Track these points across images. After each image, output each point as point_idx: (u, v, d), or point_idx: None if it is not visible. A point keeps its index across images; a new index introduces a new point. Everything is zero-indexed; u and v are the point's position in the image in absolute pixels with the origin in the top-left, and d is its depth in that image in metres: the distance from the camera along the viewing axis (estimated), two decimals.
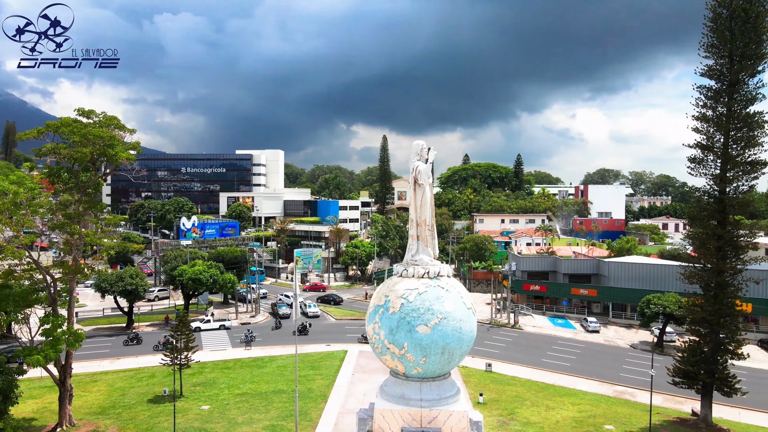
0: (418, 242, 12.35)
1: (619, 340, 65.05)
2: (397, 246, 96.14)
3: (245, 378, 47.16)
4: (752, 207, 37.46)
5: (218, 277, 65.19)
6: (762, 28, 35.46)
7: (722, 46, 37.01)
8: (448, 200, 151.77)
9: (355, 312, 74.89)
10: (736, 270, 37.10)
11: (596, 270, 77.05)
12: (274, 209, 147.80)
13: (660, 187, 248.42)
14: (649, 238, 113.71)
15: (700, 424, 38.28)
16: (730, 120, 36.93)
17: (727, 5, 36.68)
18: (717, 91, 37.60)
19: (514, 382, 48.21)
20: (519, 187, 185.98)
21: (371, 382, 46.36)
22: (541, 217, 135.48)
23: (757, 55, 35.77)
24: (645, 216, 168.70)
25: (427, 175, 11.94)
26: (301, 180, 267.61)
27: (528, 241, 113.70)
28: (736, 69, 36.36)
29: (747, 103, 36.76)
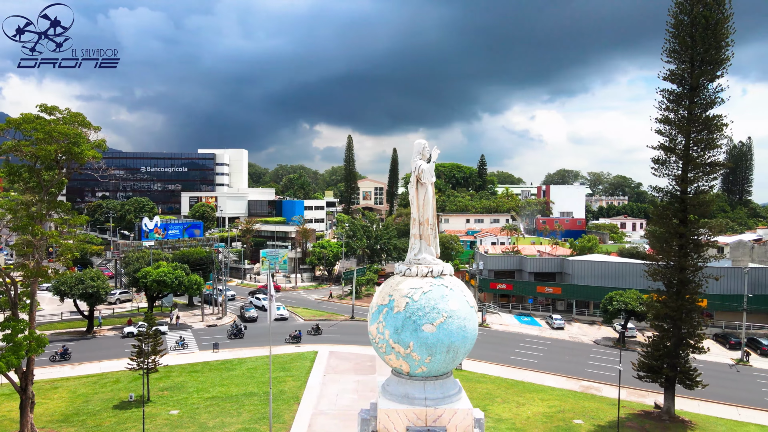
0: (420, 241, 12.38)
1: (583, 336, 66.73)
2: (365, 246, 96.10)
3: (214, 381, 46.28)
4: (712, 207, 38.98)
5: (184, 278, 63.77)
6: (721, 35, 36.94)
7: (684, 52, 38.41)
8: None
9: (324, 312, 74.54)
10: (697, 267, 38.57)
11: (560, 268, 78.82)
12: (238, 209, 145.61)
13: (617, 188, 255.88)
14: (608, 236, 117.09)
15: (663, 416, 39.62)
16: (691, 123, 38.36)
17: (688, 12, 38.08)
18: (679, 95, 39.01)
19: (484, 379, 48.85)
20: (483, 187, 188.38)
21: (343, 382, 46.26)
22: (505, 217, 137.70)
23: (717, 60, 37.25)
24: (604, 215, 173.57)
25: (430, 174, 12.00)
26: (265, 180, 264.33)
27: (493, 240, 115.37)
28: (696, 74, 37.79)
29: (707, 106, 38.25)
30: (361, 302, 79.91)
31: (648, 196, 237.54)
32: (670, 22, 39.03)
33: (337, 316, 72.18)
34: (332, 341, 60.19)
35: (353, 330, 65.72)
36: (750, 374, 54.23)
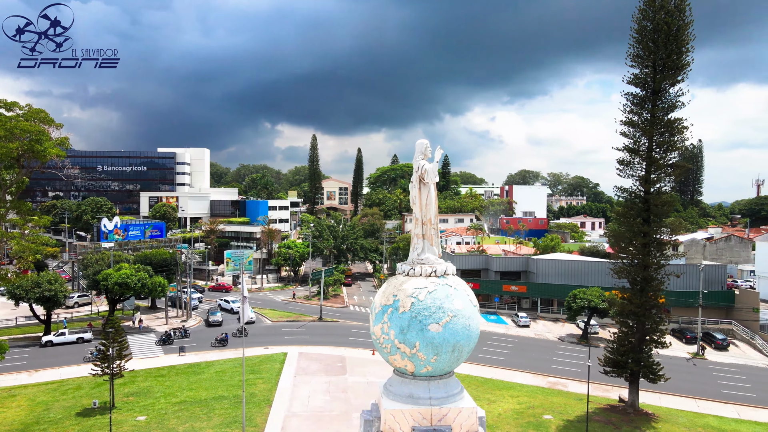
0: (423, 241, 12.38)
1: (548, 333, 68.18)
2: (332, 246, 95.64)
3: (182, 385, 45.22)
4: (673, 206, 40.41)
5: (147, 281, 62.04)
6: (682, 41, 38.36)
7: (647, 57, 39.69)
8: (379, 200, 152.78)
9: (291, 313, 73.84)
10: (660, 265, 39.93)
11: (525, 267, 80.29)
12: (200, 209, 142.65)
13: (575, 188, 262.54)
14: (569, 236, 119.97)
15: (628, 409, 40.87)
16: (654, 125, 39.68)
17: (651, 19, 39.36)
18: (642, 98, 40.29)
19: None
20: (446, 187, 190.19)
21: (314, 383, 45.94)
22: (470, 217, 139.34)
23: (678, 65, 38.66)
24: (564, 215, 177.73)
25: (434, 174, 12.02)
26: (226, 179, 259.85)
27: (458, 240, 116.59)
28: (659, 78, 39.12)
29: (668, 110, 39.66)
30: (328, 303, 79.53)
31: (605, 196, 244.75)
32: (634, 27, 40.27)
33: (305, 317, 71.61)
34: (301, 342, 59.70)
35: (322, 331, 65.33)
36: (706, 367, 56.50)
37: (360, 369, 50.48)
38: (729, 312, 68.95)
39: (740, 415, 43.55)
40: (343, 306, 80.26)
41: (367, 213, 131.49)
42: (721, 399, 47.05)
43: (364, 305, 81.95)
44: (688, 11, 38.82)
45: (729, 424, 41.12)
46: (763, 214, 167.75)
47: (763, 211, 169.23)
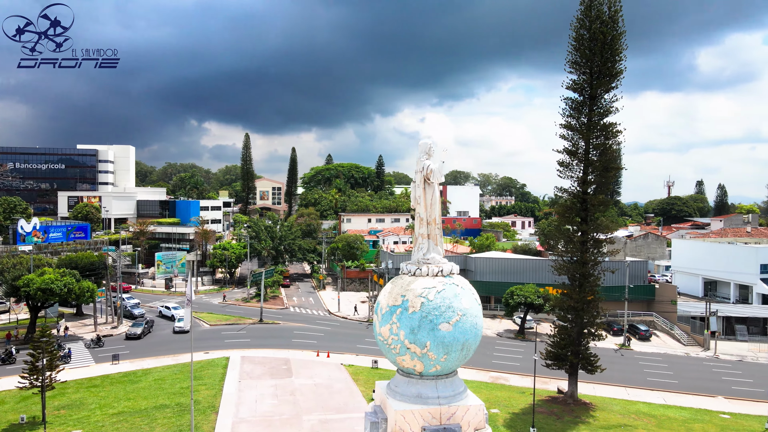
0: (428, 241, 12.38)
1: (486, 330, 70.10)
2: (270, 247, 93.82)
3: (119, 395, 42.88)
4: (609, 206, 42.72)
5: (74, 285, 58.30)
6: (616, 50, 40.63)
7: (584, 64, 41.73)
8: (314, 200, 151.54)
9: (230, 316, 71.81)
10: (597, 261, 42.10)
11: (464, 265, 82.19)
12: (126, 210, 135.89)
13: (504, 188, 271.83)
14: (502, 234, 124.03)
15: (568, 400, 42.81)
16: (590, 129, 41.78)
17: (587, 28, 41.42)
18: (580, 103, 42.32)
19: None
20: (381, 187, 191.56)
21: (260, 387, 44.92)
22: (406, 216, 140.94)
23: (613, 72, 40.91)
24: (495, 214, 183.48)
25: (440, 174, 12.04)
26: (152, 179, 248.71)
27: (395, 239, 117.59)
28: (595, 84, 41.25)
29: (604, 114, 41.87)
30: (267, 305, 77.96)
31: (531, 196, 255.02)
32: (572, 35, 42.22)
33: (244, 320, 69.84)
34: (243, 346, 58.18)
35: (263, 333, 63.99)
36: (632, 357, 60.16)
37: (306, 371, 49.87)
38: (650, 305, 73.72)
39: (666, 401, 46.71)
40: (283, 307, 78.99)
41: (303, 213, 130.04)
42: (648, 386, 50.27)
43: (304, 306, 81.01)
44: (621, 22, 41.15)
45: (657, 409, 43.97)
46: (674, 213, 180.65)
47: (673, 210, 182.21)
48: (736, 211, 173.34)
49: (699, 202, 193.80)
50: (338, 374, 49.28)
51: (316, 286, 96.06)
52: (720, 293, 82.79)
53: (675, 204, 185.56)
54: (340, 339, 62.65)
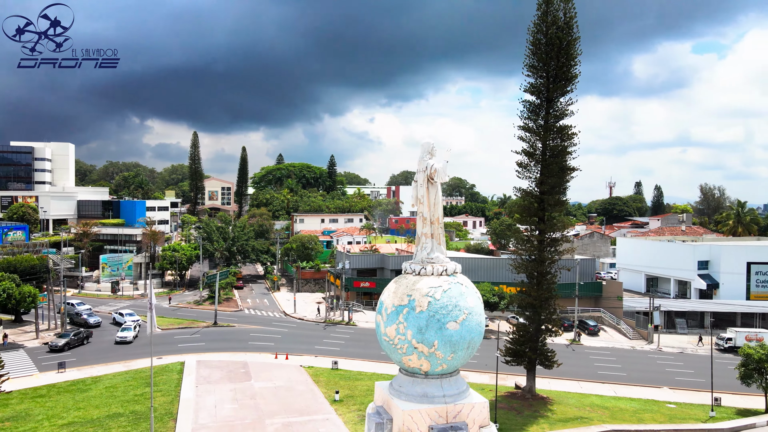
0: (432, 240, 12.36)
1: None
2: (223, 248, 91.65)
3: (67, 405, 40.84)
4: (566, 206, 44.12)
5: (14, 290, 55.15)
6: (572, 54, 41.99)
7: (541, 68, 42.91)
8: (266, 200, 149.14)
9: (182, 320, 69.68)
10: (553, 260, 43.39)
11: None
12: (66, 210, 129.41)
13: (454, 188, 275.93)
14: (455, 234, 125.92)
15: (527, 394, 43.92)
16: (547, 131, 43.00)
17: (544, 33, 42.62)
18: (537, 106, 43.50)
19: (362, 376, 49.68)
20: (333, 187, 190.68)
21: (219, 392, 43.85)
22: (359, 217, 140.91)
23: (568, 76, 42.25)
24: (447, 214, 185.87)
25: (444, 173, 12.06)
26: (92, 177, 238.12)
27: (349, 239, 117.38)
28: (552, 88, 42.49)
29: (559, 117, 43.19)
30: (221, 307, 76.10)
31: (480, 196, 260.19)
32: (530, 40, 43.33)
33: (198, 323, 67.97)
34: (198, 350, 56.62)
35: (219, 336, 62.48)
36: (583, 352, 62.36)
37: (265, 374, 49.04)
38: (598, 301, 76.62)
39: (617, 393, 48.68)
40: (238, 310, 77.35)
41: (255, 213, 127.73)
42: (599, 380, 52.25)
43: (259, 308, 79.62)
44: (576, 28, 42.56)
45: (609, 401, 45.76)
46: (615, 213, 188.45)
47: (615, 210, 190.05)
48: (672, 210, 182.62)
49: (638, 202, 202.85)
50: (298, 376, 48.73)
51: (271, 287, 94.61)
52: (661, 289, 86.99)
53: (616, 204, 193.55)
54: (298, 341, 61.95)
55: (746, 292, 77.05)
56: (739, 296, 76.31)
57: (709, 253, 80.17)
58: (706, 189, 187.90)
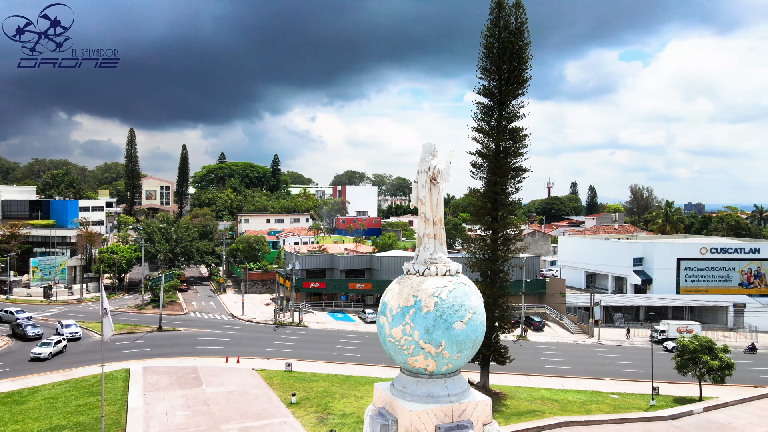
0: (435, 240, 12.34)
1: None
2: (166, 250, 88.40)
3: (3, 418, 38.24)
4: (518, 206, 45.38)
5: None
6: (524, 58, 43.22)
7: (494, 71, 43.92)
8: (209, 200, 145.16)
9: (124, 325, 66.63)
10: (507, 258, 44.53)
11: (370, 265, 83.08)
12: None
13: (398, 188, 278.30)
14: (402, 234, 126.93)
15: (480, 390, 44.79)
16: (500, 133, 44.07)
17: (497, 37, 43.66)
18: (490, 108, 44.49)
19: (317, 378, 49.25)
20: (277, 187, 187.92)
21: (169, 399, 42.29)
22: (305, 217, 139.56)
23: (520, 80, 43.47)
24: (393, 214, 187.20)
25: (447, 174, 12.07)
26: (16, 176, 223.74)
27: (296, 240, 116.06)
28: (504, 91, 43.58)
29: (511, 119, 44.35)
30: (165, 311, 73.32)
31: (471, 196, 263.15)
32: (482, 43, 44.26)
33: (141, 328, 65.27)
34: (143, 356, 54.36)
35: (164, 341, 60.24)
36: (530, 347, 64.34)
37: (216, 378, 47.71)
38: (542, 297, 79.31)
39: (564, 386, 50.57)
40: (183, 313, 74.88)
41: (197, 214, 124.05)
42: (547, 374, 54.12)
43: (205, 311, 77.38)
44: (527, 33, 43.83)
45: (558, 394, 47.47)
46: (553, 212, 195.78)
47: (553, 210, 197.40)
48: (605, 210, 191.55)
49: (574, 202, 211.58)
50: (252, 380, 47.73)
51: (216, 289, 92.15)
52: (599, 285, 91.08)
53: (554, 204, 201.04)
54: (248, 343, 60.67)
55: (676, 286, 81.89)
56: (671, 290, 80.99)
57: (643, 250, 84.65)
58: (635, 189, 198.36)
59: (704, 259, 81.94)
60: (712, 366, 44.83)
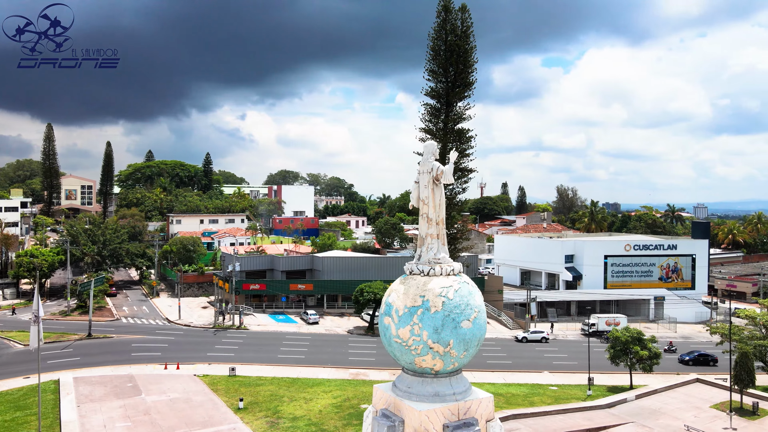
0: (437, 241, 12.24)
1: (337, 328, 71.09)
2: (94, 253, 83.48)
3: None
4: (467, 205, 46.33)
5: None
6: (470, 61, 44.27)
7: (441, 73, 44.74)
8: (137, 200, 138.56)
9: (50, 333, 62.06)
10: (455, 257, 45.37)
11: (310, 265, 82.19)
12: None
13: (333, 188, 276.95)
14: (340, 234, 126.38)
15: None
16: (446, 133, 44.94)
17: (444, 40, 44.48)
18: (437, 109, 45.28)
19: (263, 381, 48.22)
20: (209, 186, 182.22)
21: (106, 410, 40.08)
22: (240, 217, 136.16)
23: (466, 82, 44.51)
24: (329, 214, 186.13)
25: (450, 174, 12.02)
26: None
27: (232, 241, 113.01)
28: (451, 93, 44.47)
29: (458, 120, 45.36)
30: (93, 317, 69.30)
31: (358, 196, 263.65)
32: (430, 45, 44.91)
33: (69, 336, 61.33)
34: (73, 365, 51.12)
35: (96, 350, 56.94)
36: None
37: (156, 386, 45.66)
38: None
39: (506, 380, 52.22)
40: (114, 319, 71.03)
41: (125, 214, 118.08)
42: (489, 368, 55.64)
43: (138, 316, 73.77)
44: (473, 37, 44.90)
45: (502, 388, 48.94)
46: (486, 211, 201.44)
47: (486, 209, 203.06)
48: (534, 210, 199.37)
49: (505, 202, 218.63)
50: (194, 386, 46.05)
51: (149, 293, 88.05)
52: (533, 281, 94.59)
53: (487, 203, 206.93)
54: (187, 348, 58.45)
55: (604, 281, 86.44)
56: (599, 286, 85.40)
57: (574, 248, 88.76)
58: (561, 190, 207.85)
59: (628, 256, 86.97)
60: (642, 356, 47.78)
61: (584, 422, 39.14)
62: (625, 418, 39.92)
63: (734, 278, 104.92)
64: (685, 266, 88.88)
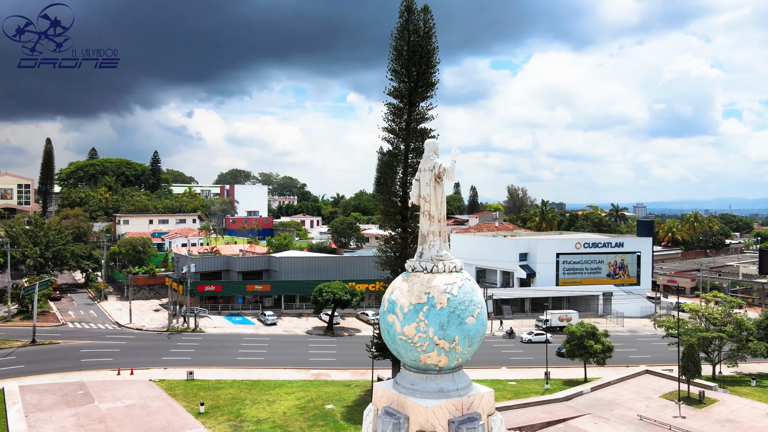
0: (440, 238, 12.20)
1: (295, 329, 70.33)
2: (37, 255, 79.34)
3: None
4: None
5: None
6: (432, 62, 44.57)
7: (404, 73, 44.81)
8: (80, 200, 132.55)
9: None
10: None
11: (268, 266, 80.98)
12: None
13: (285, 188, 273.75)
14: (295, 234, 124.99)
15: None
16: (409, 133, 45.09)
17: (407, 40, 44.61)
18: (400, 109, 45.35)
19: (222, 385, 47.21)
20: (157, 185, 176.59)
21: (57, 420, 38.31)
22: (192, 217, 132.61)
23: (429, 83, 44.79)
24: (283, 214, 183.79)
25: (452, 172, 12.00)
26: None
27: (184, 241, 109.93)
28: (414, 93, 44.65)
29: (421, 120, 45.56)
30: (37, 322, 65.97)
31: (311, 196, 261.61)
32: (393, 45, 44.98)
33: (11, 342, 58.13)
34: (17, 374, 48.57)
35: (41, 356, 54.25)
36: None
37: (110, 393, 43.95)
38: None
39: None
40: (59, 324, 67.77)
41: (68, 214, 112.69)
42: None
43: (86, 321, 70.66)
44: (435, 38, 45.27)
45: None
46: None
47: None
48: (486, 209, 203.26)
49: (457, 201, 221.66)
50: (151, 392, 44.59)
51: (96, 296, 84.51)
52: (488, 279, 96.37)
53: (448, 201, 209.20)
54: (141, 353, 56.49)
55: (556, 279, 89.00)
56: (551, 283, 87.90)
57: (528, 246, 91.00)
58: (512, 189, 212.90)
59: (579, 253, 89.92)
60: (596, 350, 49.58)
61: (544, 415, 40.27)
62: (583, 410, 41.33)
63: (675, 274, 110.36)
64: (631, 263, 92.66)
